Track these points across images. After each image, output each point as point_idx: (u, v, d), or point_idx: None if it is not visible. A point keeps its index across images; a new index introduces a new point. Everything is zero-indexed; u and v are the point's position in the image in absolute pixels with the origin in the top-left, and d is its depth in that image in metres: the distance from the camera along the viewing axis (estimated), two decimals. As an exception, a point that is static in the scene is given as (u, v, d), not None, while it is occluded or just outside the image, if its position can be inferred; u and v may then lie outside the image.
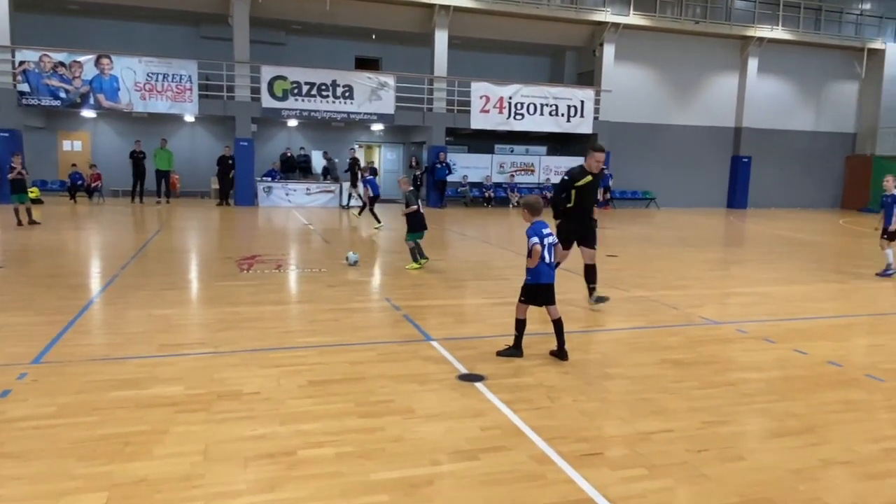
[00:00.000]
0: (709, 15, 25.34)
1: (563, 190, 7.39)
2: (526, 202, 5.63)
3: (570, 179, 7.28)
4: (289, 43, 23.61)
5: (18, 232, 13.14)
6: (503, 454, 3.77)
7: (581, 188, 7.26)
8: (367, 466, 3.57)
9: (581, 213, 7.41)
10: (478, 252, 12.47)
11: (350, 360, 5.42)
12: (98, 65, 19.07)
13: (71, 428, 3.94)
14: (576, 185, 7.24)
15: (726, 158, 27.06)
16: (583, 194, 7.31)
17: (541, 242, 5.44)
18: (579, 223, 7.47)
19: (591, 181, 7.27)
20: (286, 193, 21.42)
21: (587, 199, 7.41)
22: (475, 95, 22.79)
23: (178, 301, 7.40)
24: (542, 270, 5.51)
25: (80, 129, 22.36)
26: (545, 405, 4.55)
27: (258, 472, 3.49)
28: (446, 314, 7.15)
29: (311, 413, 4.28)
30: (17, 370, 4.92)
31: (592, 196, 7.48)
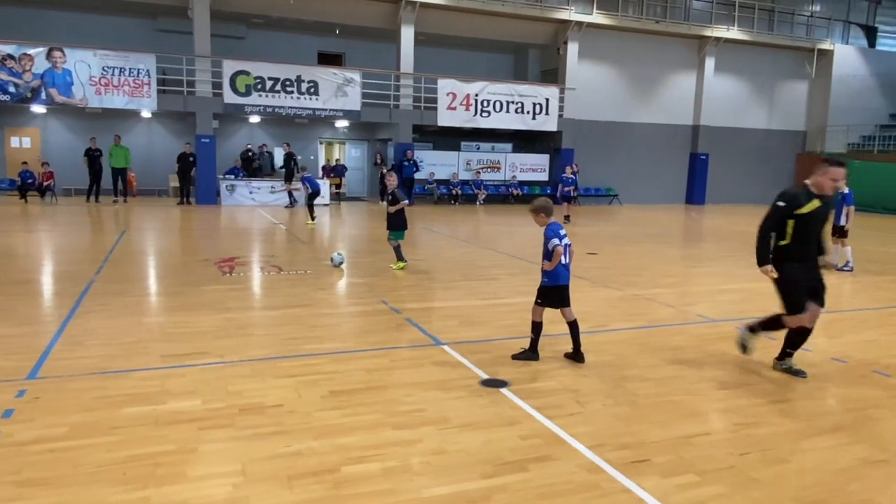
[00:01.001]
0: (668, 15, 25.84)
1: (775, 221, 5.19)
2: (541, 206, 5.56)
3: (787, 206, 5.10)
4: (248, 37, 23.01)
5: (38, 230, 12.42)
6: (551, 464, 3.69)
7: (804, 218, 5.09)
8: (417, 482, 3.45)
9: (805, 253, 5.20)
10: (458, 251, 12.37)
11: (365, 368, 5.26)
12: (50, 58, 18.16)
13: (91, 450, 3.68)
14: (796, 214, 5.08)
15: (685, 155, 27.66)
16: (806, 227, 5.12)
17: (560, 244, 5.38)
18: (806, 270, 5.22)
19: (820, 208, 5.11)
20: (250, 192, 20.87)
21: (812, 234, 5.18)
22: (442, 92, 22.65)
23: (167, 308, 7.07)
24: (559, 272, 5.46)
25: (28, 125, 21.29)
26: (576, 410, 4.49)
27: (305, 492, 3.32)
28: (448, 317, 7.03)
29: (343, 426, 4.12)
30: (13, 387, 4.59)
31: (819, 229, 5.24)
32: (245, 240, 13.24)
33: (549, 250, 5.40)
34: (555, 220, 5.59)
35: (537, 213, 5.56)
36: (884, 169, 25.73)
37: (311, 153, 24.95)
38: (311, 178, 16.42)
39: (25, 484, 3.28)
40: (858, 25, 30.57)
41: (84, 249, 11.39)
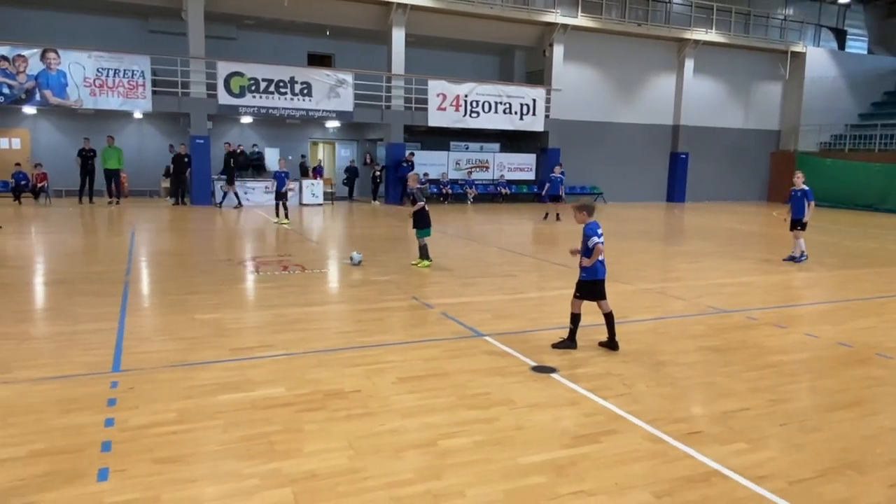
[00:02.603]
0: (650, 18, 26.59)
1: None
2: (584, 204, 6.02)
3: None
4: (240, 38, 23.13)
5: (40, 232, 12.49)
6: (619, 437, 4.17)
7: None
8: (509, 453, 3.89)
9: None
10: (465, 249, 12.81)
11: (422, 357, 5.68)
12: (44, 59, 18.12)
13: (207, 431, 4.05)
14: None
15: (665, 154, 28.49)
16: None
17: (601, 242, 5.85)
18: None
19: None
20: (244, 192, 21.03)
21: None
22: (432, 93, 23.06)
23: (214, 305, 7.39)
24: (597, 268, 5.93)
25: (18, 127, 21.15)
26: (625, 392, 4.98)
27: (414, 461, 3.74)
28: (480, 311, 7.47)
29: (423, 407, 4.54)
30: (105, 379, 4.92)
31: None
32: (256, 240, 13.52)
33: (590, 248, 5.86)
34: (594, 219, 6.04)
35: (580, 211, 6.01)
36: (854, 167, 26.86)
37: (301, 153, 25.15)
38: (280, 176, 16.13)
39: (161, 461, 3.65)
40: (829, 28, 31.75)
41: (102, 250, 11.57)
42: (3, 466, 3.54)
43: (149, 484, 3.39)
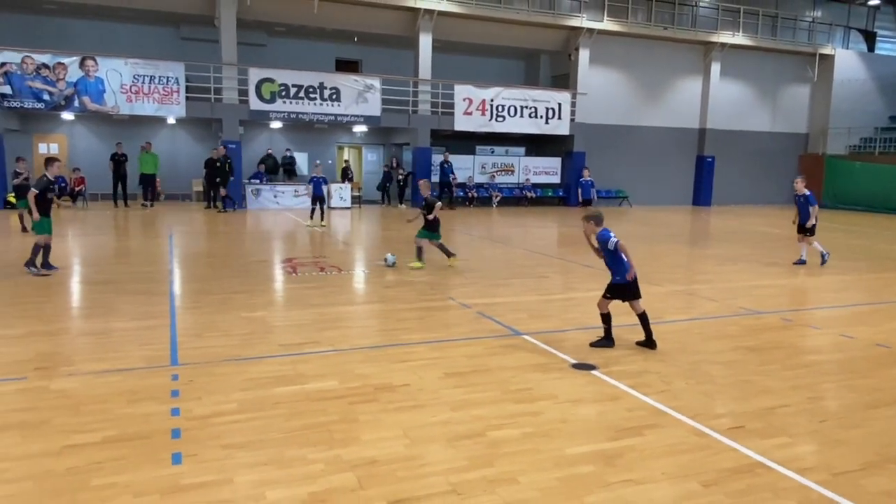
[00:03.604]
0: (676, 21, 26.57)
1: None
2: (592, 215, 6.16)
3: None
4: (270, 45, 23.56)
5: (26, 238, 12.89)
6: (663, 430, 4.29)
7: None
8: (556, 443, 4.04)
9: None
10: (495, 251, 12.97)
11: (464, 354, 5.85)
12: (83, 66, 18.67)
13: (269, 420, 4.26)
14: None
15: (691, 158, 28.37)
16: None
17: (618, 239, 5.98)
18: None
19: None
20: (274, 196, 21.42)
21: None
22: (458, 98, 23.28)
23: (258, 304, 7.63)
24: (628, 268, 6.04)
25: (56, 132, 21.78)
26: (665, 389, 5.10)
27: (467, 450, 3.91)
28: (516, 311, 7.62)
29: (470, 401, 4.71)
30: (165, 372, 5.16)
31: None
32: (291, 242, 13.80)
33: (611, 249, 5.97)
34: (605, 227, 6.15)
35: (588, 222, 6.13)
36: (884, 170, 26.52)
37: (328, 158, 25.52)
38: (317, 181, 16.54)
39: (231, 447, 3.86)
40: (858, 30, 31.40)
41: (144, 252, 11.92)
42: (81, 450, 3.78)
43: (221, 467, 3.61)
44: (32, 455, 3.72)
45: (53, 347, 5.77)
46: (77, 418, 4.23)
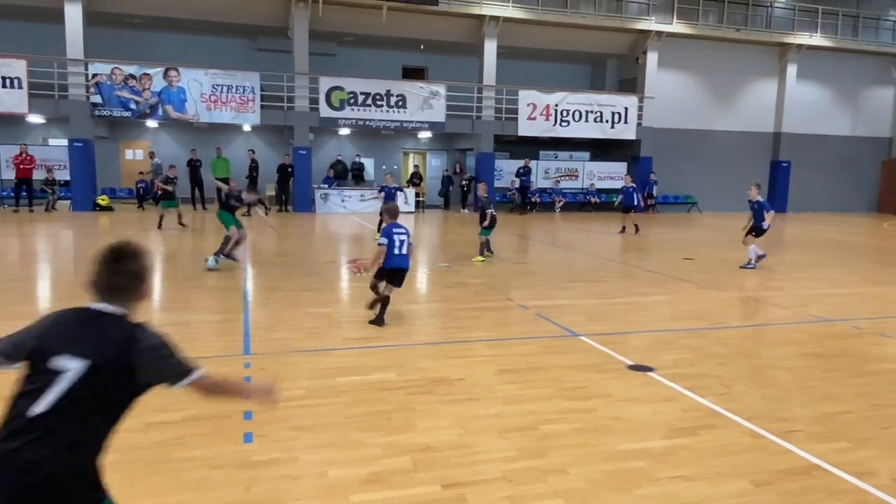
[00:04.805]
0: (749, 23, 25.79)
1: None
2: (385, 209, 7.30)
3: None
4: (339, 54, 24.28)
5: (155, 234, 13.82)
6: (717, 431, 4.30)
7: None
8: (608, 439, 4.12)
9: None
10: (556, 255, 13.02)
11: (520, 353, 5.98)
12: (166, 77, 19.80)
13: (332, 406, 4.52)
14: None
15: (765, 163, 27.44)
16: None
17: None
18: None
19: None
20: (342, 200, 22.04)
21: None
22: (522, 103, 23.35)
23: (324, 301, 7.99)
24: (393, 256, 6.65)
25: (141, 139, 23.15)
26: (724, 392, 5.07)
27: (518, 442, 4.04)
28: (574, 313, 7.67)
29: (524, 396, 4.84)
30: (238, 360, 5.52)
31: None
32: (356, 244, 14.24)
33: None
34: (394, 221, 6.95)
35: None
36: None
37: (394, 163, 26.06)
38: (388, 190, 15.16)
39: (298, 429, 4.13)
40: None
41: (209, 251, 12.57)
42: (165, 427, 4.13)
43: (288, 447, 3.87)
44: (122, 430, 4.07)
45: (139, 336, 6.24)
46: (161, 399, 4.51)
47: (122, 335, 2.08)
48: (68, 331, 2.06)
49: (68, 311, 2.12)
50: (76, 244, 13.39)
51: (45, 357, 1.99)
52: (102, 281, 2.11)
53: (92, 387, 1.99)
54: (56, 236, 14.60)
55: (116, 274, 2.11)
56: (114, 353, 2.04)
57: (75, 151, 19.39)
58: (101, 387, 2.01)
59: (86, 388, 1.98)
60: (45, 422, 1.93)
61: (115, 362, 2.03)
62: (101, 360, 2.00)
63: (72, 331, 2.06)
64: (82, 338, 2.03)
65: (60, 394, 1.95)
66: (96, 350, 2.01)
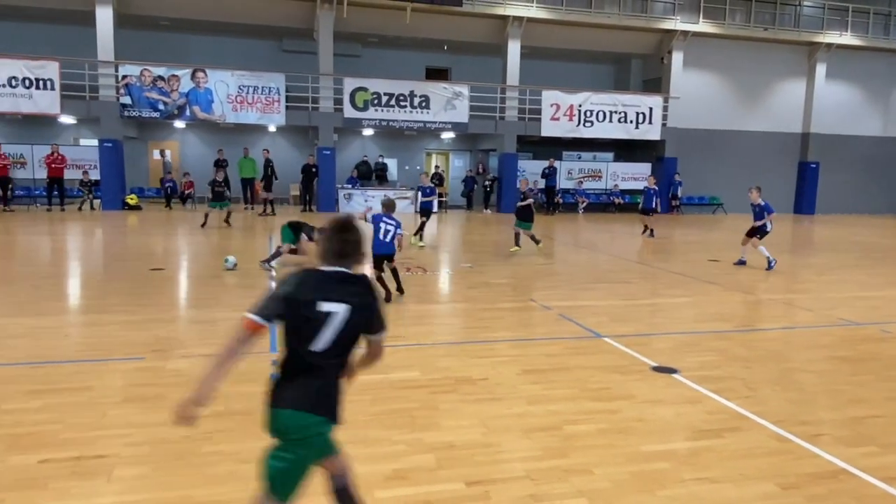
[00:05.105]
0: (777, 22, 25.43)
1: None
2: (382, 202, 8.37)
3: None
4: (363, 55, 24.43)
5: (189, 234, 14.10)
6: (742, 434, 4.27)
7: None
8: (632, 440, 4.11)
9: None
10: (580, 256, 12.96)
11: (543, 353, 5.98)
12: (194, 78, 20.10)
13: (355, 404, 4.54)
14: None
15: (793, 164, 27.02)
16: None
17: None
18: None
19: None
20: (365, 200, 22.12)
21: None
22: (546, 103, 23.29)
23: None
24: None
25: (169, 139, 23.52)
26: (749, 394, 5.02)
27: (542, 441, 4.05)
28: (597, 314, 7.64)
29: (548, 396, 4.84)
30: (264, 357, 5.58)
31: None
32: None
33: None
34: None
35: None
36: None
37: (417, 164, 26.16)
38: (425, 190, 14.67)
39: (322, 425, 4.18)
40: None
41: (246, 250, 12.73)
42: (193, 421, 4.21)
43: (313, 442, 3.92)
44: (151, 424, 4.18)
45: (168, 332, 6.37)
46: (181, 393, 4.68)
47: (365, 287, 2.58)
48: (321, 285, 2.50)
49: (309, 272, 2.55)
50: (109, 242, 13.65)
51: (312, 304, 2.45)
52: (335, 248, 2.56)
53: (350, 325, 2.48)
54: (89, 234, 14.90)
55: (346, 242, 2.56)
56: (361, 300, 2.53)
57: (105, 151, 19.77)
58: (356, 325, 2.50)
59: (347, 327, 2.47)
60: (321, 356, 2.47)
61: (364, 304, 2.54)
62: (357, 304, 2.50)
63: (324, 285, 2.50)
64: (337, 289, 2.50)
65: (334, 332, 2.45)
66: (352, 297, 2.50)
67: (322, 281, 2.52)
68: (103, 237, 14.45)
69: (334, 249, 2.56)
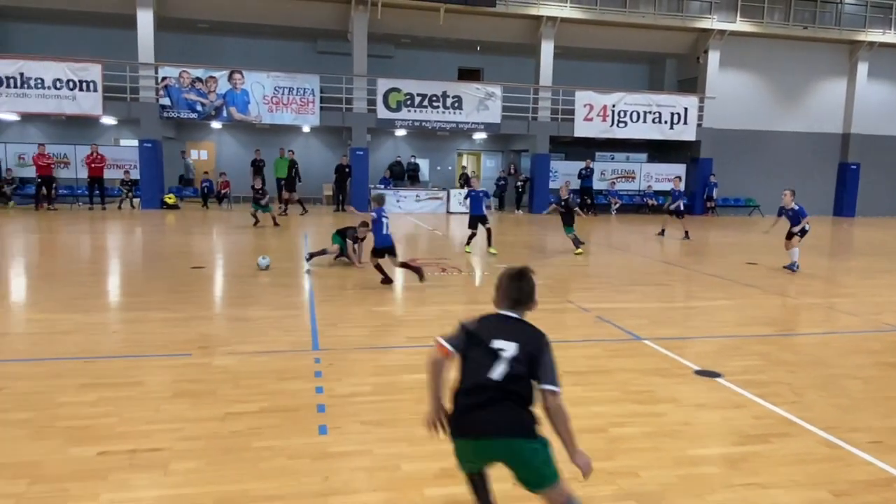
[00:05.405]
0: (817, 20, 24.90)
1: None
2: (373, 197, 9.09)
3: None
4: (396, 56, 24.60)
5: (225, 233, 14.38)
6: (792, 440, 4.20)
7: None
8: (678, 444, 4.08)
9: None
10: (614, 258, 12.87)
11: (584, 355, 5.96)
12: (231, 80, 20.45)
13: (400, 403, 4.62)
14: None
15: (833, 165, 26.45)
16: None
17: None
18: None
19: None
20: (397, 200, 22.29)
21: None
22: (579, 104, 23.16)
23: (386, 300, 8.14)
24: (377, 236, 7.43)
25: (205, 139, 23.97)
26: (795, 400, 4.94)
27: (586, 443, 3.98)
28: (636, 316, 7.59)
29: (591, 398, 4.83)
30: (308, 355, 5.69)
31: None
32: (412, 244, 14.41)
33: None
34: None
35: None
36: None
37: (448, 164, 26.24)
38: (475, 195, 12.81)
39: (368, 423, 4.24)
40: None
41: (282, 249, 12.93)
42: (242, 417, 4.30)
43: (361, 440, 3.98)
44: (202, 419, 4.28)
45: (211, 330, 6.50)
46: (237, 390, 4.79)
47: (536, 332, 2.84)
48: (497, 327, 2.81)
49: (489, 316, 2.90)
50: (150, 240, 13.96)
51: (487, 341, 2.75)
52: (510, 294, 2.89)
53: (520, 361, 2.71)
54: (130, 233, 15.26)
55: (521, 291, 2.89)
56: (531, 340, 2.78)
57: (145, 151, 20.23)
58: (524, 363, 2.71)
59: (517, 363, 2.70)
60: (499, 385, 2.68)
61: (532, 348, 2.75)
62: (524, 343, 2.75)
63: (499, 327, 2.81)
64: (508, 330, 2.79)
65: (506, 366, 2.69)
66: (520, 337, 2.77)
67: (499, 322, 2.84)
68: (144, 236, 14.78)
69: (511, 297, 2.89)
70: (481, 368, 2.71)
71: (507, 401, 2.69)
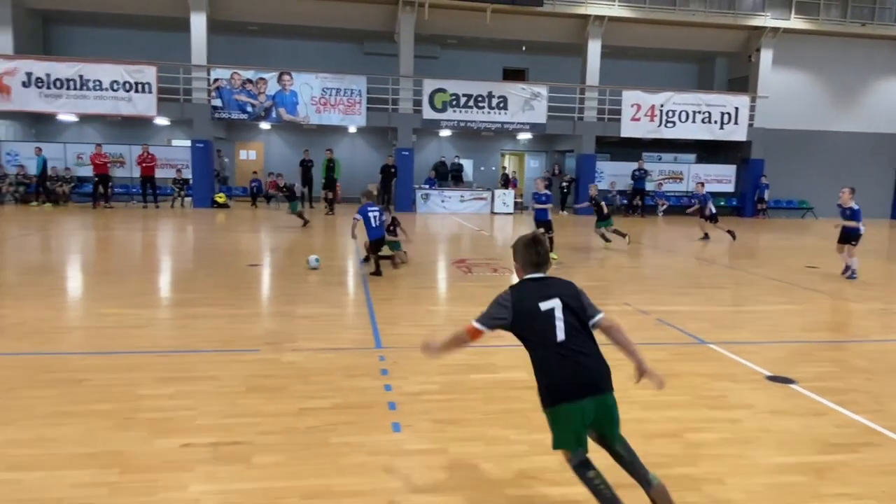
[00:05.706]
0: (876, 16, 24.06)
1: None
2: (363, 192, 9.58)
3: None
4: (442, 56, 24.63)
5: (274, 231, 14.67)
6: (879, 449, 4.06)
7: None
8: (761, 452, 3.98)
9: None
10: (666, 260, 12.65)
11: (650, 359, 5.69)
12: (280, 81, 20.77)
13: (468, 402, 4.61)
14: None
15: (891, 167, 25.52)
16: None
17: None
18: None
19: None
20: (442, 200, 22.34)
21: None
22: (626, 104, 22.83)
23: (442, 299, 8.17)
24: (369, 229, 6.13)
25: (255, 140, 24.39)
26: (878, 408, 4.77)
27: (665, 447, 3.98)
28: (698, 320, 7.43)
29: (662, 402, 4.74)
30: (373, 353, 5.73)
31: None
32: (457, 244, 14.41)
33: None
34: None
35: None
36: None
37: (492, 164, 26.18)
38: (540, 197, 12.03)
39: (440, 422, 4.25)
40: None
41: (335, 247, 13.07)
42: (316, 413, 4.35)
43: (435, 439, 3.99)
44: (278, 413, 4.35)
45: (276, 326, 6.61)
46: (307, 386, 4.86)
47: (566, 281, 3.17)
48: (536, 290, 3.09)
49: (524, 282, 3.19)
50: (205, 238, 14.26)
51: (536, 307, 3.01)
52: (531, 259, 3.17)
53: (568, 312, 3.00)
54: (184, 231, 15.63)
55: (538, 254, 3.17)
56: (565, 289, 3.10)
57: (197, 151, 20.68)
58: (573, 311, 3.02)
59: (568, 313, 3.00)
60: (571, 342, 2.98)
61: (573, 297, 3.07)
62: (563, 295, 3.05)
63: (538, 290, 3.09)
64: (545, 289, 3.08)
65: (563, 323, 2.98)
66: (558, 291, 3.07)
67: (535, 285, 3.12)
68: (198, 234, 15.11)
69: (532, 261, 3.17)
70: (547, 333, 2.96)
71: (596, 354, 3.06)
